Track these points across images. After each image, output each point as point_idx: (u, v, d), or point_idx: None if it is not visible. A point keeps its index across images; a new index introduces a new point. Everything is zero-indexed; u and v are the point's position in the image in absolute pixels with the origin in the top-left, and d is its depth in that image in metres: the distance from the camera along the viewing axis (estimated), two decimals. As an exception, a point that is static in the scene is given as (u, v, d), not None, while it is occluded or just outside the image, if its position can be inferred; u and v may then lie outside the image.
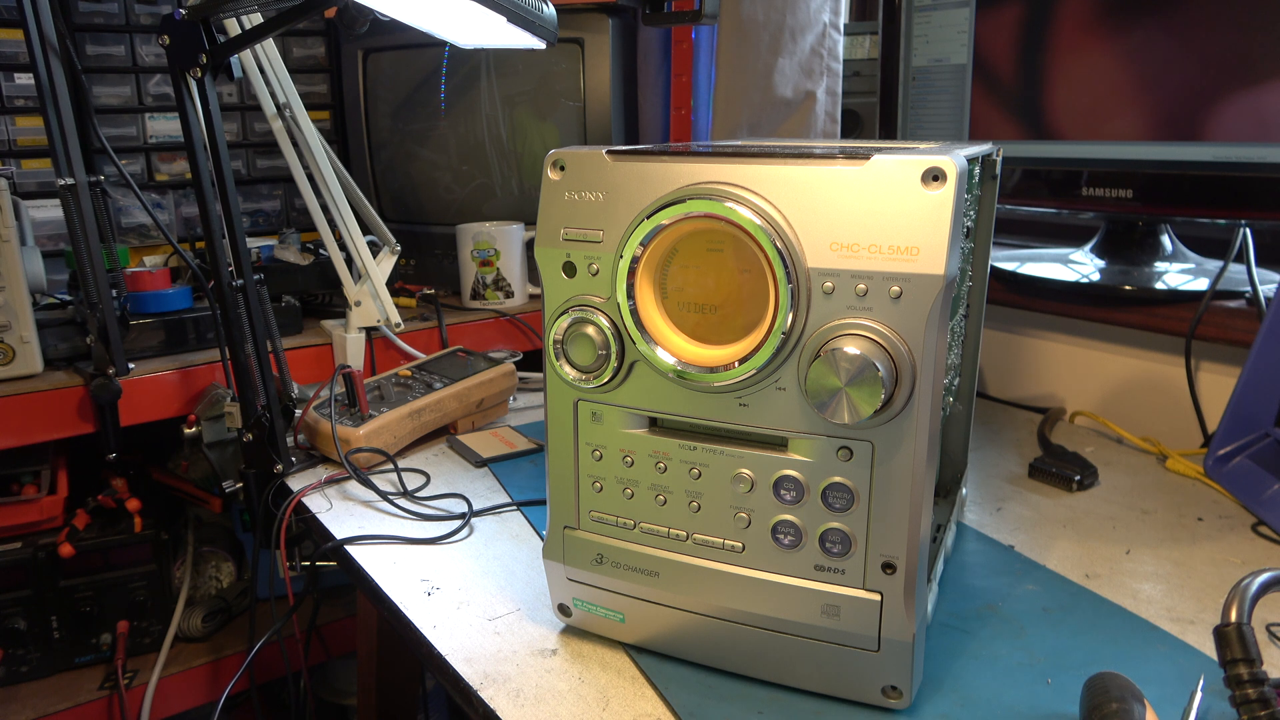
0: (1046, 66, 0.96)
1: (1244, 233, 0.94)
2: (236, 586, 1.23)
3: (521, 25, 0.77)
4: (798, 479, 0.50)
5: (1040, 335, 1.11)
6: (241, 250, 0.88)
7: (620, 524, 0.56)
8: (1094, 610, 0.64)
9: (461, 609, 0.66)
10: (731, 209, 0.47)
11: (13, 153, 1.34)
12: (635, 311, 0.51)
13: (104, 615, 1.11)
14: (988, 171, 0.68)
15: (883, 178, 0.45)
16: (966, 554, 0.72)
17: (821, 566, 0.51)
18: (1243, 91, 0.83)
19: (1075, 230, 1.19)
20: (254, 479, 0.92)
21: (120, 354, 1.02)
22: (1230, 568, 0.70)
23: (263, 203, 1.58)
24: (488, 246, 1.27)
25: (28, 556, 1.07)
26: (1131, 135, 0.91)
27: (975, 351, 0.75)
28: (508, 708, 0.54)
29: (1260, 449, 0.81)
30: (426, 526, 0.79)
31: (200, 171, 0.85)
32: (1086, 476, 0.84)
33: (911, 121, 1.10)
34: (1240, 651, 0.44)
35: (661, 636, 0.58)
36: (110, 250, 1.11)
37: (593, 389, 0.54)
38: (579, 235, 0.53)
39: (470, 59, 1.36)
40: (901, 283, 0.45)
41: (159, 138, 1.46)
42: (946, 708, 0.53)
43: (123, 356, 1.02)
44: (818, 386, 0.46)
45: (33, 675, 1.10)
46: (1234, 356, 0.92)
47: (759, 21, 1.20)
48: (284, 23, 0.82)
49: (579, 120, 1.34)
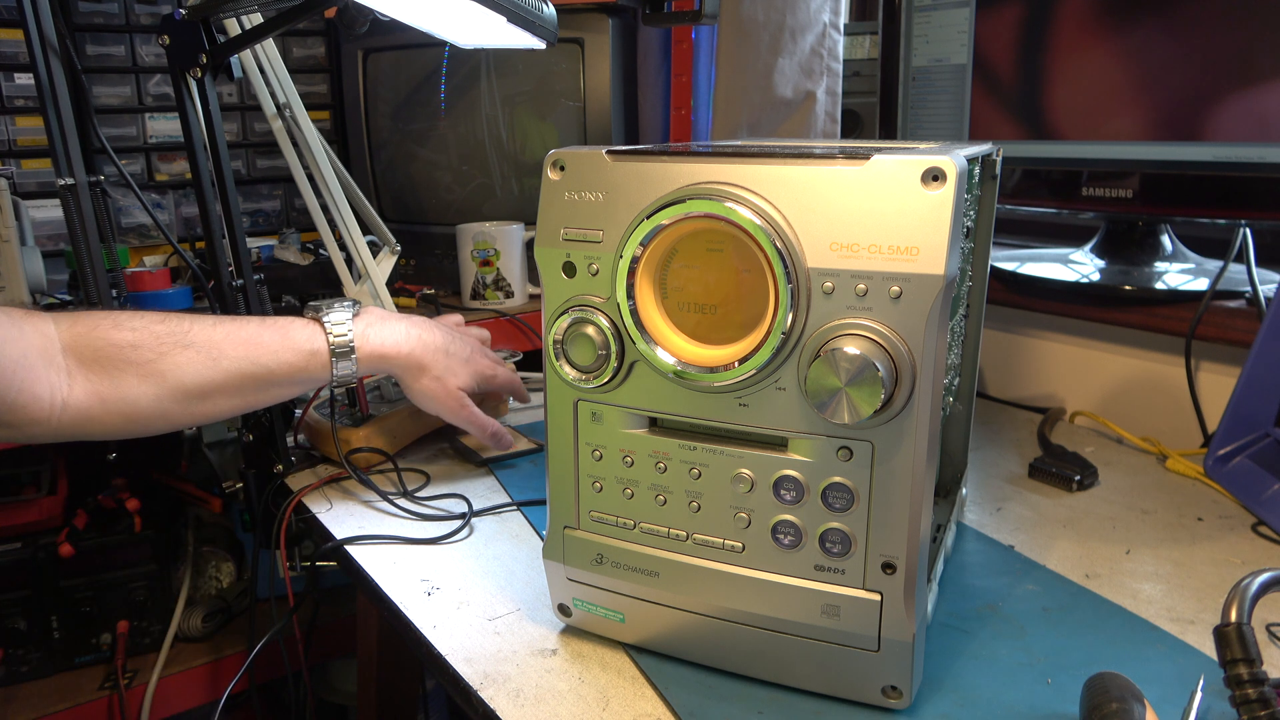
0: (1046, 66, 0.96)
1: (1244, 233, 0.94)
2: (236, 586, 1.23)
3: (521, 25, 0.77)
4: (798, 479, 0.50)
5: (1040, 335, 1.11)
6: (241, 250, 0.88)
7: (620, 524, 0.56)
8: (1094, 610, 0.64)
9: (461, 609, 0.66)
10: (731, 209, 0.47)
11: (13, 153, 1.34)
12: (635, 311, 0.51)
13: (104, 615, 1.11)
14: (988, 171, 0.68)
15: (883, 178, 0.45)
16: (966, 554, 0.72)
17: (821, 566, 0.51)
18: (1243, 91, 0.83)
19: (1075, 230, 1.19)
20: (254, 479, 0.92)
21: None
22: (1230, 568, 0.70)
23: (263, 203, 1.58)
24: (488, 246, 1.28)
25: (28, 556, 1.07)
26: (1131, 135, 0.91)
27: (975, 351, 0.75)
28: (508, 708, 0.54)
29: (1260, 449, 0.81)
30: (426, 526, 0.79)
31: (200, 171, 0.85)
32: (1086, 476, 0.84)
33: (911, 121, 1.10)
34: (1240, 651, 0.44)
35: (661, 636, 0.58)
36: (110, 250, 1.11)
37: (593, 389, 0.54)
38: (579, 235, 0.53)
39: (470, 59, 1.36)
40: (901, 283, 0.45)
41: (159, 138, 1.46)
42: (946, 708, 0.53)
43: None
44: (818, 386, 0.46)
45: (33, 675, 1.10)
46: (1234, 356, 0.92)
47: (759, 21, 1.20)
48: (284, 23, 0.82)
49: (579, 120, 1.34)
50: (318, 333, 0.76)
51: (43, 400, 0.64)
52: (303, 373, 0.75)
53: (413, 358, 0.80)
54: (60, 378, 0.66)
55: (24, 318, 0.65)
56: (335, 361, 0.76)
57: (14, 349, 0.62)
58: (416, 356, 0.80)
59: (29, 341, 0.64)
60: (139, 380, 0.68)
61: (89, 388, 0.67)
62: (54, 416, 0.65)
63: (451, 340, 0.84)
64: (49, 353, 0.65)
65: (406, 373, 0.81)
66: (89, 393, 0.66)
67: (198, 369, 0.70)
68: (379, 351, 0.78)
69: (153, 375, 0.68)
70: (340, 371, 0.76)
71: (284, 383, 0.75)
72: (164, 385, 0.69)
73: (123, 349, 0.68)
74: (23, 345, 0.63)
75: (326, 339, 0.76)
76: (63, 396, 0.65)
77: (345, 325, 0.77)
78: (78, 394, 0.66)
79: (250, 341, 0.73)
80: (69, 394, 0.66)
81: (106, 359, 0.67)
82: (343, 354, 0.76)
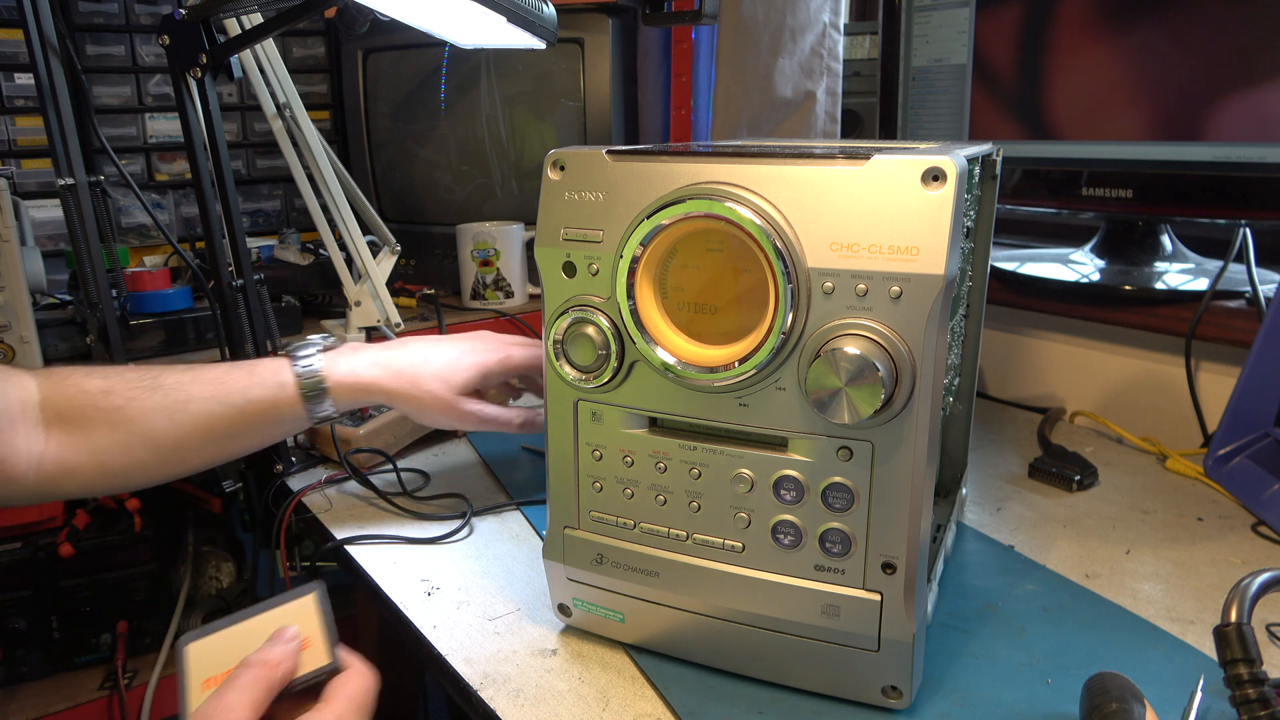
0: (1046, 66, 0.96)
1: (1244, 233, 0.94)
2: (236, 586, 1.23)
3: (521, 25, 0.77)
4: (798, 479, 0.50)
5: (1040, 335, 1.11)
6: (241, 250, 0.88)
7: (620, 524, 0.56)
8: (1094, 610, 0.64)
9: (461, 609, 0.66)
10: (731, 209, 0.47)
11: (13, 153, 1.34)
12: (635, 311, 0.51)
13: (104, 615, 1.11)
14: (988, 171, 0.68)
15: (883, 178, 0.45)
16: (966, 554, 0.72)
17: (821, 566, 0.51)
18: (1243, 91, 0.83)
19: (1075, 230, 1.19)
20: (254, 479, 0.92)
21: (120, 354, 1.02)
22: (1230, 568, 0.70)
23: (263, 203, 1.58)
24: (488, 246, 1.28)
25: (28, 556, 1.07)
26: (1131, 135, 0.91)
27: (975, 351, 0.75)
28: (508, 708, 0.54)
29: (1260, 449, 0.81)
30: (426, 526, 0.79)
31: (200, 171, 0.85)
32: (1086, 476, 0.84)
33: (911, 121, 1.10)
34: (1240, 651, 0.44)
35: (661, 636, 0.58)
36: (110, 250, 1.11)
37: (593, 389, 0.54)
38: (579, 235, 0.53)
39: (470, 59, 1.36)
40: (901, 283, 0.45)
41: (159, 138, 1.46)
42: (946, 708, 0.53)
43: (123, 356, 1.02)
44: (818, 386, 0.46)
45: (33, 675, 1.10)
46: (1234, 356, 0.92)
47: (759, 21, 1.20)
48: (284, 23, 0.82)
49: (579, 120, 1.34)
50: (284, 365, 0.74)
51: (19, 455, 0.64)
52: (273, 409, 0.73)
53: (386, 382, 0.76)
54: (37, 433, 0.66)
55: (2, 375, 0.65)
56: (307, 396, 0.73)
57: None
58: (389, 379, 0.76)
59: (7, 399, 0.64)
60: (110, 429, 0.68)
61: (64, 440, 0.66)
62: (31, 473, 0.65)
63: (432, 348, 0.79)
64: (26, 409, 0.65)
65: (392, 398, 0.77)
66: (63, 446, 0.66)
67: (167, 413, 0.69)
68: (350, 380, 0.75)
69: (122, 423, 0.68)
70: (320, 411, 0.74)
71: (256, 423, 0.73)
72: (134, 433, 0.68)
73: (94, 396, 0.68)
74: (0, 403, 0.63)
75: (293, 369, 0.73)
76: (39, 451, 0.65)
77: (311, 356, 0.74)
78: (53, 448, 0.66)
79: (217, 381, 0.72)
80: (45, 449, 0.66)
81: (78, 410, 0.67)
82: (314, 386, 0.73)
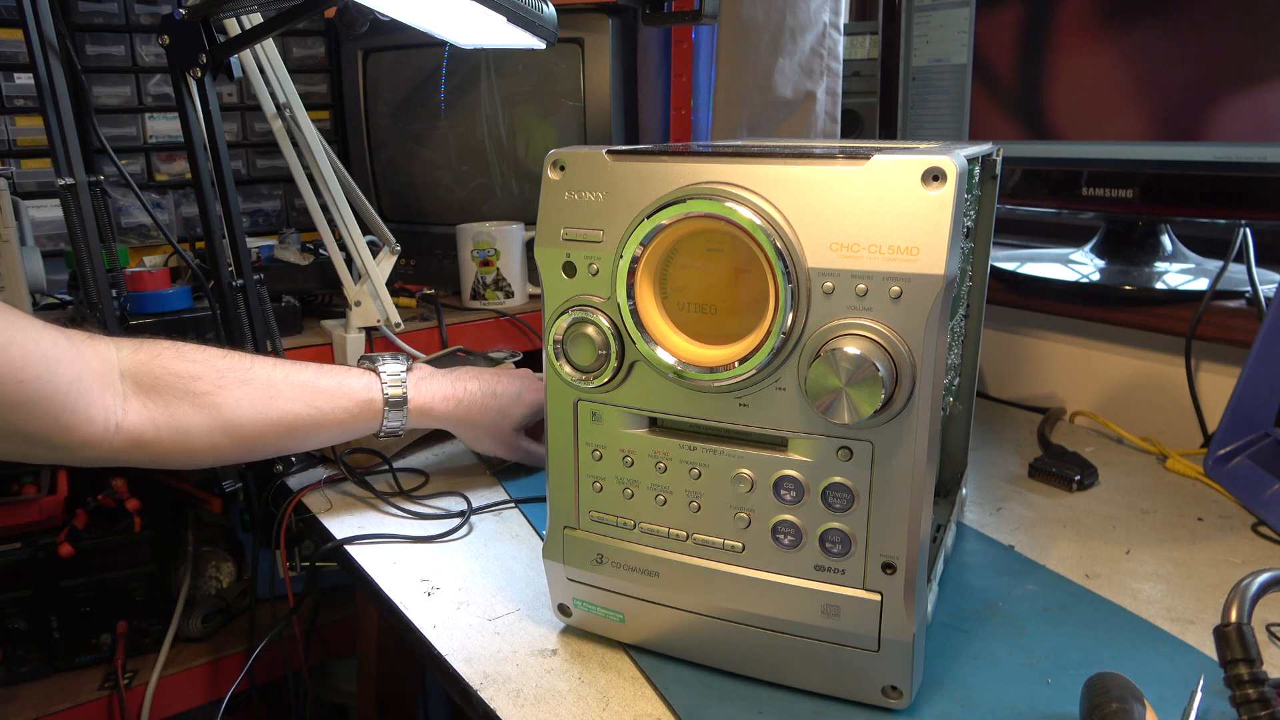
0: (1047, 66, 0.96)
1: (1244, 233, 0.94)
2: (236, 586, 1.23)
3: (521, 25, 0.77)
4: (798, 479, 0.50)
5: (1040, 335, 1.11)
6: (241, 250, 0.88)
7: (620, 524, 0.56)
8: (1094, 610, 0.64)
9: (461, 609, 0.66)
10: (731, 209, 0.47)
11: (13, 153, 1.34)
12: (635, 311, 0.51)
13: (104, 615, 1.11)
14: (988, 171, 0.68)
15: (883, 178, 0.45)
16: (966, 554, 0.72)
17: (821, 566, 0.51)
18: (1243, 91, 0.83)
19: (1075, 230, 1.19)
20: (254, 479, 0.92)
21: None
22: (1230, 568, 0.70)
23: (263, 203, 1.58)
24: (488, 246, 1.27)
25: (28, 556, 1.07)
26: (1131, 135, 0.91)
27: (975, 351, 0.75)
28: (508, 708, 0.54)
29: (1260, 449, 0.81)
30: (426, 526, 0.79)
31: (200, 171, 0.85)
32: (1086, 476, 0.84)
33: (911, 121, 1.10)
34: (1240, 651, 0.44)
35: (661, 636, 0.58)
36: (110, 250, 1.11)
37: (593, 389, 0.54)
38: (579, 235, 0.53)
39: (470, 59, 1.36)
40: (901, 283, 0.45)
41: (159, 138, 1.46)
42: (946, 708, 0.53)
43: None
44: (818, 386, 0.46)
45: (33, 675, 1.10)
46: (1234, 356, 0.92)
47: (759, 21, 1.20)
48: (284, 23, 0.82)
49: (579, 120, 1.34)
50: (374, 382, 0.77)
51: (96, 423, 0.64)
52: (355, 421, 0.76)
53: (457, 414, 0.82)
54: (116, 401, 0.66)
55: (85, 341, 0.65)
56: (387, 412, 0.77)
57: (69, 370, 0.62)
58: (460, 412, 0.82)
59: (86, 364, 0.64)
60: (194, 410, 0.69)
61: (144, 413, 0.67)
62: (107, 440, 0.65)
63: (496, 383, 0.84)
64: (107, 376, 0.66)
65: (454, 427, 0.83)
66: (143, 418, 0.67)
67: (253, 405, 0.71)
68: (426, 407, 0.79)
69: (208, 407, 0.69)
70: (390, 423, 0.78)
71: (334, 429, 0.76)
72: (218, 418, 0.70)
73: (182, 379, 0.69)
74: (79, 367, 0.63)
75: (382, 390, 0.77)
76: (117, 420, 0.66)
77: (400, 377, 0.78)
78: (132, 418, 0.66)
79: (307, 385, 0.74)
80: (123, 418, 0.66)
81: (165, 387, 0.68)
82: (395, 405, 0.77)
